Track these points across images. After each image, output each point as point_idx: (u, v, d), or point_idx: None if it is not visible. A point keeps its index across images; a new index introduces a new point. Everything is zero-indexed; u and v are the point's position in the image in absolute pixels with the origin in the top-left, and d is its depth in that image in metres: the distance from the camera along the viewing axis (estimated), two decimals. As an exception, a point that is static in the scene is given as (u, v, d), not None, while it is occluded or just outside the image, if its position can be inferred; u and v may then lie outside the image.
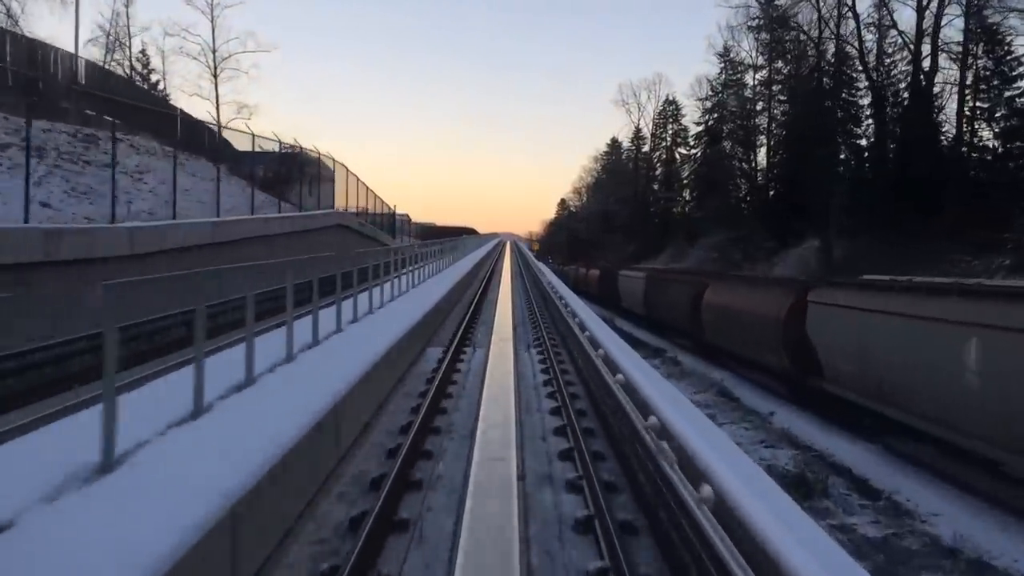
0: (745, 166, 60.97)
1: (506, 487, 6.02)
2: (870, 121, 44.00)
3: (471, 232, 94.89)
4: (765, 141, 54.36)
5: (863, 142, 45.34)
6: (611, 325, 24.21)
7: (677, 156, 77.41)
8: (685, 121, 77.29)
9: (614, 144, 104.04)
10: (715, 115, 63.54)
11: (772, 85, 53.99)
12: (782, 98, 53.24)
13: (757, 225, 47.97)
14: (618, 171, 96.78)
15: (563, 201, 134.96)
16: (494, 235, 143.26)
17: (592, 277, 52.75)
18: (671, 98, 78.58)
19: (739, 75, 61.98)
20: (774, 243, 44.56)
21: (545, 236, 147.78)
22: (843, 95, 46.97)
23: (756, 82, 55.44)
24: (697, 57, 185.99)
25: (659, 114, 79.73)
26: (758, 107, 56.03)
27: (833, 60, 46.16)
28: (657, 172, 78.80)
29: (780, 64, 53.75)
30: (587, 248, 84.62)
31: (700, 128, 65.53)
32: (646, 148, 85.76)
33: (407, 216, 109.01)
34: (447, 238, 40.64)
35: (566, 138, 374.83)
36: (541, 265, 58.69)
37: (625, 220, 77.26)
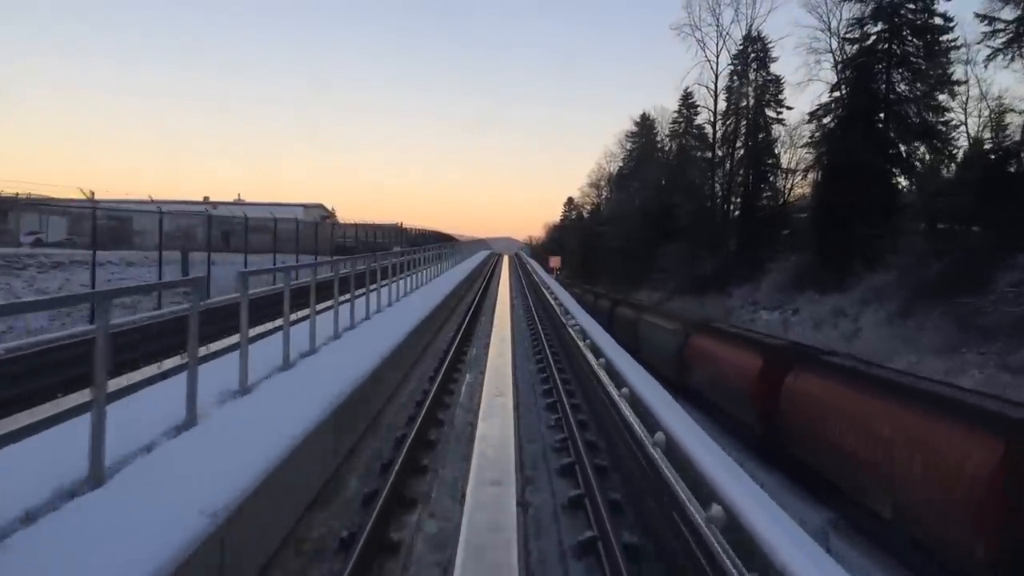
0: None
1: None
2: None
3: (443, 238, 60.41)
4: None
5: None
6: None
7: (766, 120, 49.62)
8: (776, 68, 49.73)
9: (644, 121, 76.33)
10: (877, 34, 35.73)
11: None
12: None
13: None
14: (649, 156, 69.26)
15: (571, 200, 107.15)
16: (483, 244, 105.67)
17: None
18: (756, 33, 50.72)
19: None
20: None
21: (547, 243, 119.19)
22: None
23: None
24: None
25: (735, 56, 51.82)
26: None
27: None
28: (738, 146, 50.68)
29: None
30: (619, 262, 56.50)
31: (850, 54, 37.40)
32: (699, 119, 58.04)
33: (331, 213, 73.68)
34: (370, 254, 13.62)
35: (576, 124, 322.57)
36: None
37: (687, 222, 48.99)
